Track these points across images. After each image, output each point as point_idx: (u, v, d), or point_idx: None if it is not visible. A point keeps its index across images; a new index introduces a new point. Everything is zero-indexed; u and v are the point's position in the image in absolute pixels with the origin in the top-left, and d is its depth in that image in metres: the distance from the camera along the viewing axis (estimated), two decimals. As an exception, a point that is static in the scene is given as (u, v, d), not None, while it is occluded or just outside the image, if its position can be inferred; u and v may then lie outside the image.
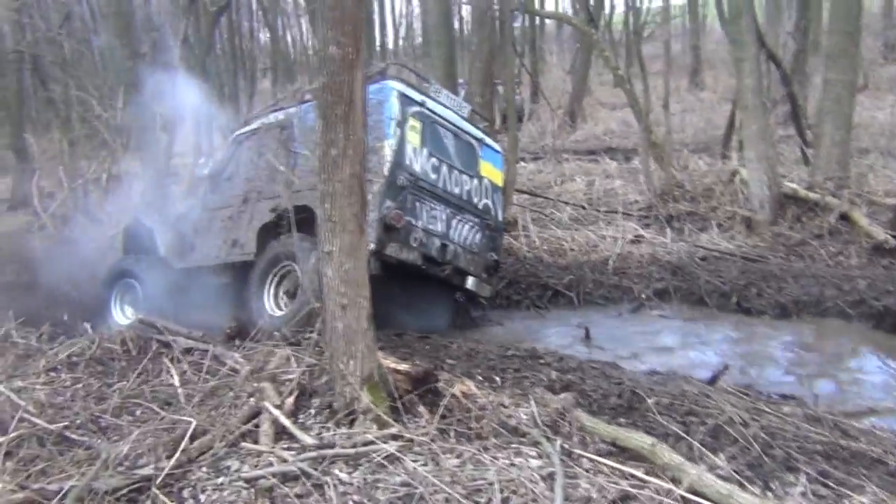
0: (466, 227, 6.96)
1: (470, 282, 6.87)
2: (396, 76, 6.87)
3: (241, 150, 7.73)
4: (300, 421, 4.14)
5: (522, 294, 7.98)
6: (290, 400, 4.29)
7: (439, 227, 6.74)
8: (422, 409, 4.19)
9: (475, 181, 7.20)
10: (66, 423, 4.33)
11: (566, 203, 10.62)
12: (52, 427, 4.21)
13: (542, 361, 5.29)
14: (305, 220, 6.48)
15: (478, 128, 7.52)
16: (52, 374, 5.54)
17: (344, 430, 3.92)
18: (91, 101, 14.83)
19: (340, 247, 3.98)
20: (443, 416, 4.07)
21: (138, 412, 4.63)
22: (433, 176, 6.73)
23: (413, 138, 6.52)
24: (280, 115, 7.42)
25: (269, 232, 6.86)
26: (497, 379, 4.87)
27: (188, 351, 5.70)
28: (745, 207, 9.48)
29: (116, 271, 8.43)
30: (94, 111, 14.44)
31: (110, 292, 8.34)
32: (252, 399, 4.30)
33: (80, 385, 5.24)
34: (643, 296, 7.17)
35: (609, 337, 6.64)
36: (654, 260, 7.73)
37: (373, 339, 4.14)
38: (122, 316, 8.21)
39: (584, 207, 10.59)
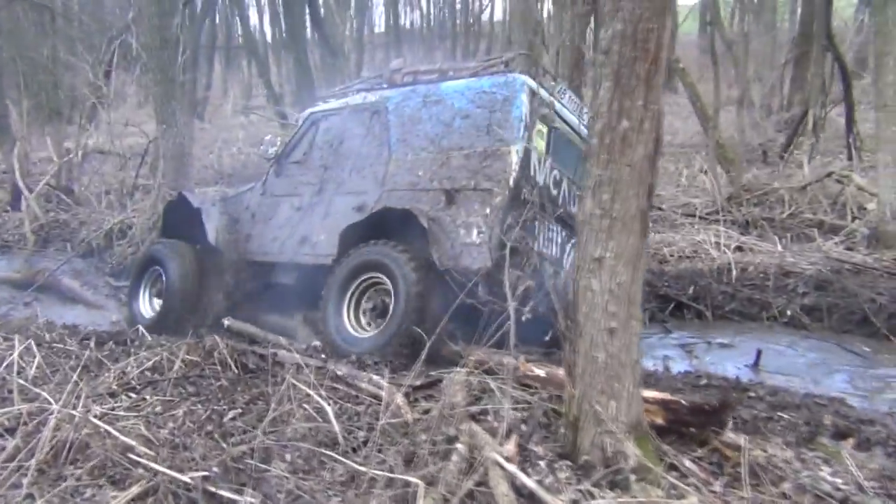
0: None
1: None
2: (525, 69, 5.83)
3: (317, 132, 6.60)
4: (536, 478, 3.14)
5: (637, 305, 7.01)
6: (511, 447, 3.27)
7: (554, 251, 5.69)
8: (689, 464, 3.24)
9: None
10: (203, 473, 3.23)
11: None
12: (188, 479, 3.11)
13: (751, 395, 4.38)
14: (401, 224, 5.44)
15: None
16: (133, 395, 4.42)
17: (612, 496, 2.93)
18: (84, 66, 13.35)
19: (617, 252, 2.97)
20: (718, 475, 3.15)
21: (288, 456, 3.55)
22: (554, 191, 5.65)
23: (539, 145, 5.46)
24: (371, 97, 6.32)
25: (351, 234, 5.70)
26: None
27: (298, 369, 4.63)
28: (860, 217, 8.66)
29: (149, 257, 7.20)
30: (87, 76, 12.99)
31: (139, 281, 7.15)
32: (460, 445, 3.27)
33: (179, 412, 4.14)
34: (788, 312, 6.27)
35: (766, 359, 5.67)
36: (784, 271, 6.86)
37: (641, 376, 3.16)
38: (150, 309, 7.05)
39: (661, 209, 9.71)
